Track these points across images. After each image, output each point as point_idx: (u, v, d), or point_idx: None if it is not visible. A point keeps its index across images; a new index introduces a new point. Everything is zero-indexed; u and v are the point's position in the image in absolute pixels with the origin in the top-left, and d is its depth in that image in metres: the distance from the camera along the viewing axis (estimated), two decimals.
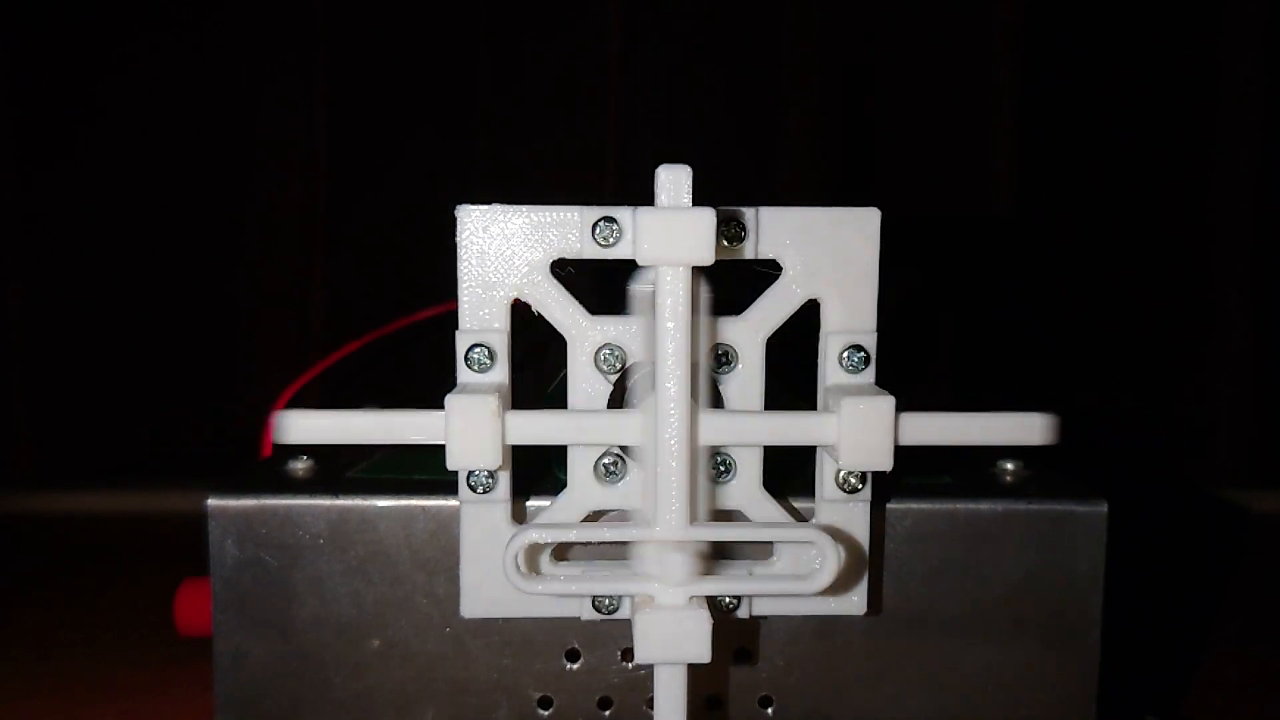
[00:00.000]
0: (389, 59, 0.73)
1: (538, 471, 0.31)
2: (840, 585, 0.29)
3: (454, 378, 0.28)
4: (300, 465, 0.32)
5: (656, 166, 0.25)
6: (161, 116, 0.72)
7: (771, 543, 0.29)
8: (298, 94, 0.73)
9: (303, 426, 0.26)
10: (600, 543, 0.29)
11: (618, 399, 0.29)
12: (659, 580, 0.26)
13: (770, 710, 0.31)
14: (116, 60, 0.72)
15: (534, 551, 0.28)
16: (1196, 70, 0.74)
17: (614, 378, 0.28)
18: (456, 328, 0.28)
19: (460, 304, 0.28)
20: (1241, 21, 0.73)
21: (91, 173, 0.72)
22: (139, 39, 0.72)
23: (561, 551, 0.29)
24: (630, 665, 0.31)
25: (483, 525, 0.28)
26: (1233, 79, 0.74)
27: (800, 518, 0.29)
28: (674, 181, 0.25)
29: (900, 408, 0.26)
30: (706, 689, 0.31)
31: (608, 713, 0.31)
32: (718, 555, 0.30)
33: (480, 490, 0.28)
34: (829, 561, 0.26)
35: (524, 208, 0.28)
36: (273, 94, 0.73)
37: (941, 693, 0.31)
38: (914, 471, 0.31)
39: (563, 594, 0.27)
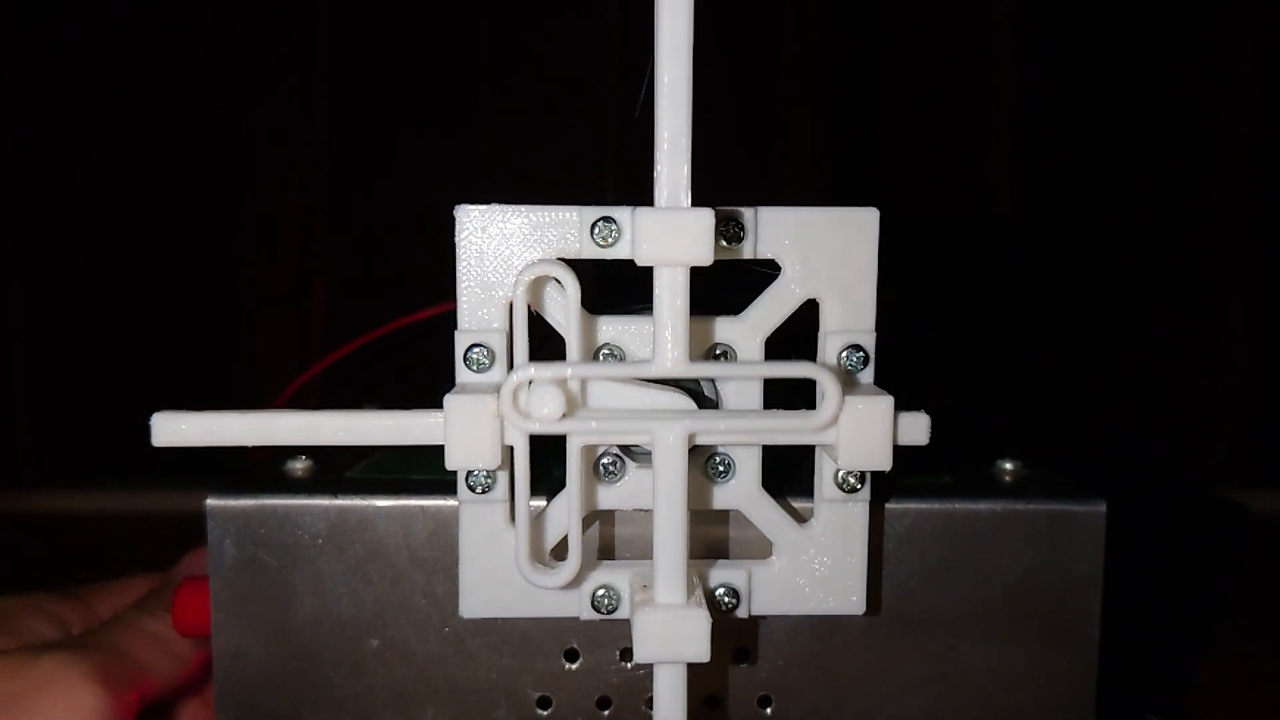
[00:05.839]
0: (390, 59, 0.73)
1: (537, 471, 0.31)
2: (839, 584, 0.29)
3: (453, 378, 0.28)
4: (299, 465, 0.32)
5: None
6: (162, 117, 0.72)
7: (771, 541, 0.29)
8: (299, 94, 0.73)
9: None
10: (598, 522, 0.29)
11: None
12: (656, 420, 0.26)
13: (769, 710, 0.31)
14: (117, 61, 0.72)
15: (536, 529, 0.28)
16: (1197, 70, 0.74)
17: None
18: (456, 327, 0.28)
19: (459, 304, 0.28)
20: (1243, 23, 0.73)
21: (92, 173, 0.72)
22: (139, 38, 0.72)
23: (561, 552, 0.29)
24: (629, 665, 0.31)
25: (482, 525, 0.28)
26: (1234, 78, 0.74)
27: (800, 517, 0.29)
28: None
29: (899, 407, 0.26)
30: (706, 688, 0.31)
31: (606, 712, 0.31)
32: (716, 555, 0.30)
33: (479, 490, 0.28)
34: (830, 395, 0.25)
35: (522, 208, 0.28)
36: (274, 95, 0.73)
37: (941, 692, 0.31)
38: (913, 471, 0.31)
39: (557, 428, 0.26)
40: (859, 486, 0.28)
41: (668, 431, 0.26)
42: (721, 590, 0.28)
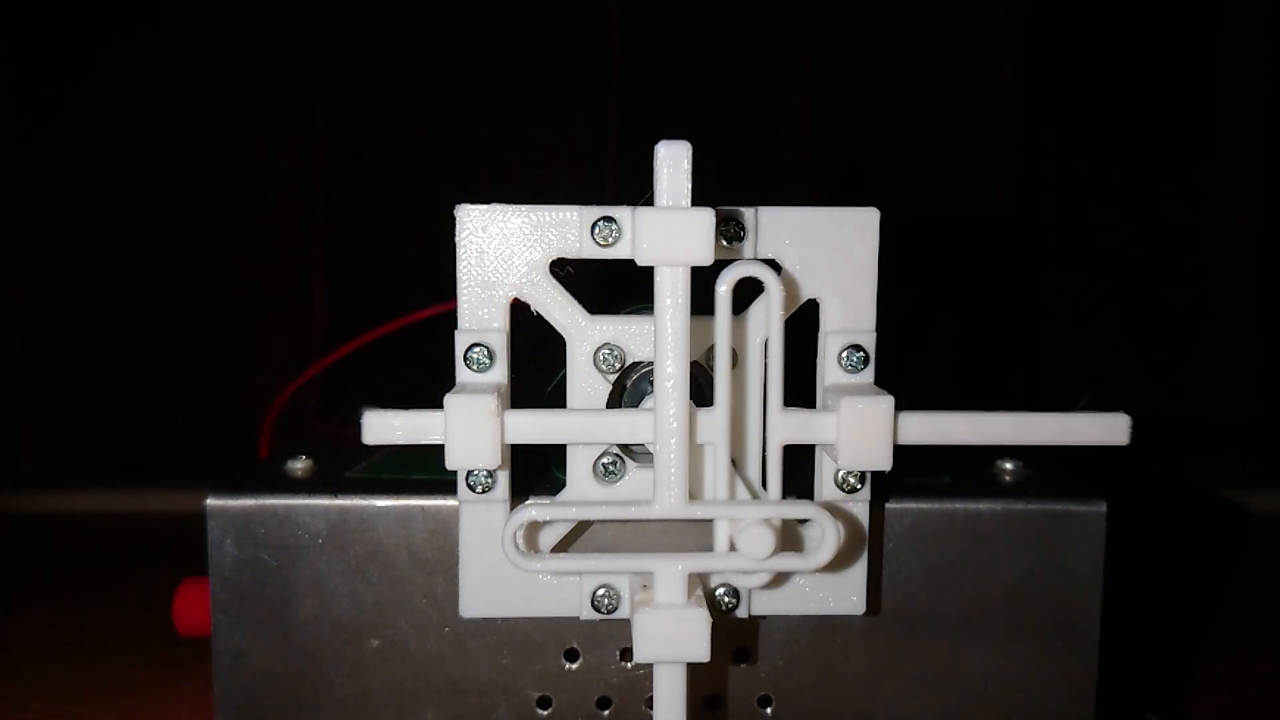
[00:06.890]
0: (390, 59, 0.73)
1: (537, 471, 0.31)
2: (839, 584, 0.29)
3: (453, 377, 0.28)
4: (299, 465, 0.32)
5: None
6: (162, 117, 0.72)
7: None
8: (299, 94, 0.73)
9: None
10: (600, 522, 0.29)
11: (617, 398, 0.29)
12: (657, 558, 0.26)
13: (769, 710, 0.31)
14: (117, 61, 0.72)
15: (533, 532, 0.28)
16: (1197, 70, 0.74)
17: (613, 377, 0.29)
18: (456, 327, 0.28)
19: (459, 304, 0.28)
20: (1243, 23, 0.73)
21: (92, 174, 0.72)
22: (140, 38, 0.72)
23: (560, 549, 0.29)
24: (629, 665, 0.31)
25: (482, 525, 0.28)
26: (1233, 78, 0.74)
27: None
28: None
29: (899, 407, 0.26)
30: (706, 688, 0.31)
31: (606, 712, 0.31)
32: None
33: (479, 490, 0.28)
34: (829, 537, 0.26)
35: (523, 207, 0.28)
36: (274, 95, 0.73)
37: (941, 693, 0.31)
38: (914, 471, 0.31)
39: (561, 570, 0.27)
40: (859, 486, 0.28)
41: (669, 570, 0.26)
42: (721, 590, 0.28)
